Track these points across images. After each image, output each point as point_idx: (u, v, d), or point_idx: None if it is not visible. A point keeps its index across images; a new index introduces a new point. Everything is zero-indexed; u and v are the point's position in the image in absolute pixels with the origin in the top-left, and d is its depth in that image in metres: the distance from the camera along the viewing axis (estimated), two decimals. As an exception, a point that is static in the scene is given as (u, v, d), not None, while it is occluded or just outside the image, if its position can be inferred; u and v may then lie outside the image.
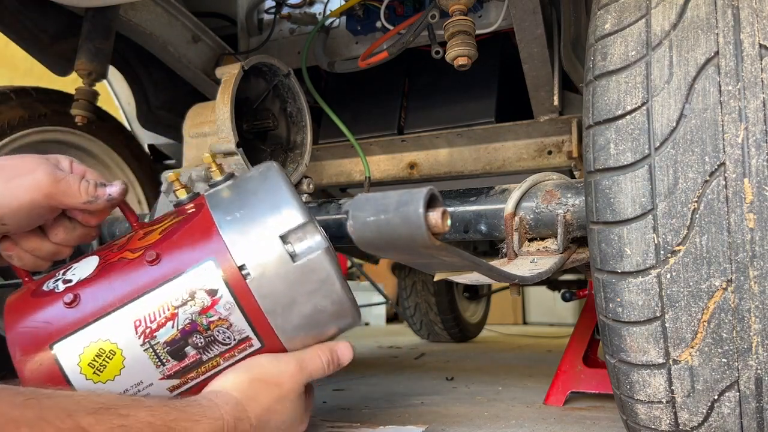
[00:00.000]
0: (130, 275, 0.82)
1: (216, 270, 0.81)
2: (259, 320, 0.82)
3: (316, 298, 0.83)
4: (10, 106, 1.37)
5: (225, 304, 0.80)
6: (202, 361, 0.82)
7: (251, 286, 0.81)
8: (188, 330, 0.80)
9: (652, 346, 0.72)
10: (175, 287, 0.81)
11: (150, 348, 0.80)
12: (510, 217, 0.97)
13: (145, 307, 0.80)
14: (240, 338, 0.82)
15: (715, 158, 0.68)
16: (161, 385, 0.81)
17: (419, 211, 0.59)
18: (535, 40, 1.21)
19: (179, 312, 0.80)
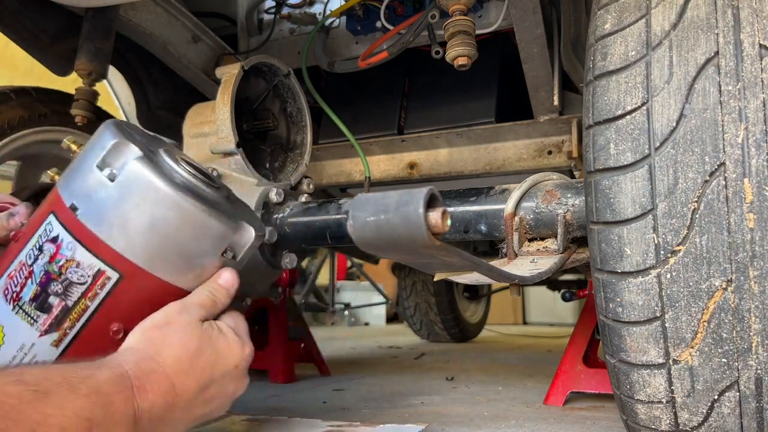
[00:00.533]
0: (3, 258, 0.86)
1: (55, 220, 0.82)
2: (101, 248, 0.79)
3: (149, 210, 0.79)
4: (10, 106, 1.37)
5: (67, 245, 0.80)
6: (68, 307, 0.80)
7: (81, 219, 0.80)
8: (45, 281, 0.81)
9: (652, 346, 0.72)
10: (28, 249, 0.83)
11: (19, 309, 0.81)
12: (510, 217, 0.97)
13: (10, 277, 0.83)
14: (93, 272, 0.80)
15: (715, 158, 0.68)
16: (43, 342, 0.81)
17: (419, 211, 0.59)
18: (535, 40, 1.21)
19: (34, 268, 0.82)
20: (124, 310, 0.81)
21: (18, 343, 0.81)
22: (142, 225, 0.79)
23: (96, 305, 0.80)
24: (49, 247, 0.81)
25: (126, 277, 0.80)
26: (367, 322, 6.28)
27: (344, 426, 1.16)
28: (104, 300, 0.80)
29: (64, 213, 0.81)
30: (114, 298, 0.80)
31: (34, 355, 0.81)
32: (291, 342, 1.93)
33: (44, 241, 0.82)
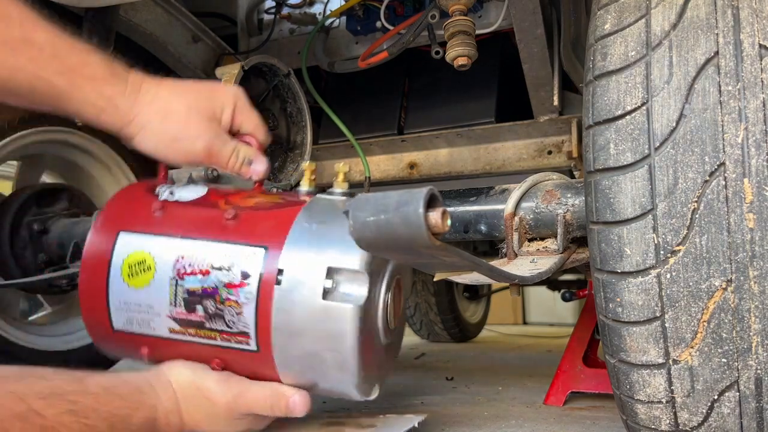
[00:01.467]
0: (205, 219, 0.86)
1: (261, 260, 0.82)
2: (264, 327, 0.81)
3: (322, 346, 0.81)
4: (10, 106, 1.37)
5: (247, 293, 0.81)
6: (203, 326, 0.84)
7: (275, 293, 0.81)
8: (208, 292, 0.82)
9: (652, 346, 0.72)
10: (224, 251, 0.83)
11: (175, 285, 0.84)
12: (510, 217, 0.97)
13: (193, 251, 0.84)
14: (242, 330, 0.82)
15: (715, 158, 0.68)
16: (165, 322, 0.85)
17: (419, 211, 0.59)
18: (535, 40, 1.21)
19: (212, 273, 0.83)
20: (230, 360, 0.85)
21: (151, 302, 0.85)
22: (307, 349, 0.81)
23: (219, 344, 0.84)
24: (236, 275, 0.82)
25: (259, 354, 0.83)
26: (367, 322, 6.27)
27: (344, 417, 1.16)
28: (228, 349, 0.84)
29: (271, 267, 0.81)
30: (236, 354, 0.84)
31: (151, 320, 0.86)
32: (291, 342, 1.93)
33: (237, 264, 0.82)
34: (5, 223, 1.38)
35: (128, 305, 0.87)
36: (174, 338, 0.86)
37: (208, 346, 0.85)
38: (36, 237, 1.42)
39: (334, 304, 0.79)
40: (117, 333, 0.90)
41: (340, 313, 0.79)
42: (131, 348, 0.90)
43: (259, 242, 0.83)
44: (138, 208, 0.90)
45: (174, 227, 0.87)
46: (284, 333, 0.81)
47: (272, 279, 0.81)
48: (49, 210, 1.45)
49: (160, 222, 0.88)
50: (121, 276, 0.86)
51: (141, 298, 0.86)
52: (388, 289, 0.87)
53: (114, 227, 0.89)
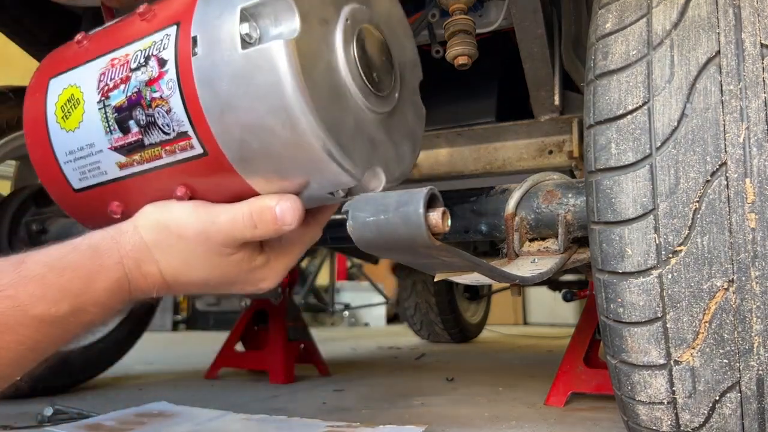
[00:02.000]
0: (122, 28, 0.76)
1: (173, 38, 0.68)
2: (197, 114, 0.67)
3: (261, 110, 0.64)
4: (9, 106, 1.37)
5: (168, 81, 0.68)
6: (143, 144, 0.72)
7: (194, 65, 0.66)
8: (133, 99, 0.71)
9: (654, 347, 0.72)
10: (138, 47, 0.71)
11: (103, 108, 0.73)
12: (510, 217, 0.97)
13: (111, 62, 0.73)
14: (179, 131, 0.69)
15: (717, 158, 0.68)
16: (111, 157, 0.74)
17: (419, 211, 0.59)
18: (535, 39, 1.21)
19: (132, 77, 0.71)
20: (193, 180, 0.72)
21: (90, 139, 0.75)
22: (248, 124, 0.65)
23: (170, 161, 0.71)
24: (153, 67, 0.69)
25: (208, 157, 0.69)
26: (367, 322, 6.28)
27: (344, 427, 1.16)
28: (180, 162, 0.71)
29: (184, 41, 0.67)
30: (188, 165, 0.70)
31: (98, 161, 0.75)
32: (291, 342, 1.93)
33: (153, 54, 0.69)
34: (4, 223, 1.38)
35: (73, 154, 0.76)
36: (127, 174, 0.74)
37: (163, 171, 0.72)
38: (35, 237, 1.41)
39: (254, 48, 0.63)
40: (79, 193, 0.79)
41: (266, 56, 0.62)
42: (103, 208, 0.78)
43: (171, 21, 0.69)
44: (65, 50, 0.80)
45: (95, 50, 0.76)
46: (218, 113, 0.65)
47: (187, 53, 0.66)
48: (48, 210, 1.45)
49: (84, 52, 0.77)
50: (57, 124, 0.76)
51: (80, 138, 0.75)
52: (349, 33, 0.72)
53: (44, 78, 0.79)
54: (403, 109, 0.84)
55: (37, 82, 0.80)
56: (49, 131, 0.77)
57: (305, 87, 0.62)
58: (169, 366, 2.38)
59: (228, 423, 1.21)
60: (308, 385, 1.81)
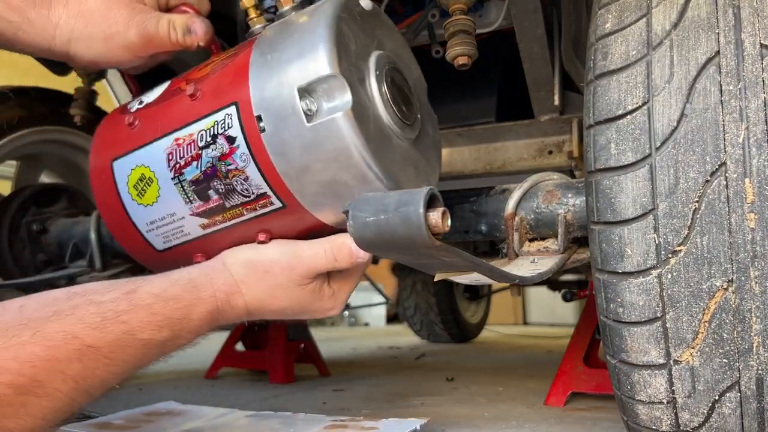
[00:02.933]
0: (173, 107, 0.82)
1: (236, 117, 0.76)
2: (274, 179, 0.75)
3: (334, 171, 0.74)
4: (9, 106, 1.37)
5: (241, 155, 0.76)
6: (225, 207, 0.80)
7: (265, 140, 0.74)
8: (209, 173, 0.78)
9: (653, 347, 0.72)
10: (201, 127, 0.78)
11: (179, 183, 0.80)
12: (510, 217, 0.97)
13: (176, 142, 0.80)
14: (258, 193, 0.77)
15: (716, 158, 0.68)
16: (193, 221, 0.82)
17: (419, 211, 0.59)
18: (535, 39, 1.21)
19: (203, 154, 0.78)
20: (271, 226, 0.81)
21: (170, 209, 0.82)
22: (323, 179, 0.74)
23: (251, 216, 0.80)
24: (223, 144, 0.76)
25: (287, 208, 0.78)
26: (367, 322, 6.28)
27: (347, 420, 1.17)
28: (260, 216, 0.80)
29: (248, 119, 0.74)
30: (269, 218, 0.79)
31: (181, 226, 0.83)
32: (291, 342, 1.93)
33: (219, 133, 0.76)
34: (4, 224, 1.38)
35: (155, 224, 0.85)
36: (210, 232, 0.83)
37: (244, 224, 0.81)
38: (35, 237, 1.41)
39: (321, 121, 0.72)
40: (164, 253, 0.88)
41: (332, 128, 0.71)
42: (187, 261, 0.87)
43: (228, 102, 0.76)
44: (118, 131, 0.86)
45: (153, 131, 0.82)
46: (295, 175, 0.75)
47: (255, 130, 0.74)
48: (48, 210, 1.45)
49: (140, 133, 0.83)
50: (134, 201, 0.84)
51: (160, 210, 0.83)
52: (381, 80, 0.80)
53: (106, 160, 0.86)
54: (424, 125, 0.93)
55: (99, 166, 0.87)
56: (126, 208, 0.85)
57: (366, 145, 0.73)
58: (169, 366, 2.38)
59: (234, 419, 1.22)
60: (308, 385, 1.81)
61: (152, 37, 0.84)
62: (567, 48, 1.31)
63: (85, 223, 1.40)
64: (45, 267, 1.43)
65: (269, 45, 0.77)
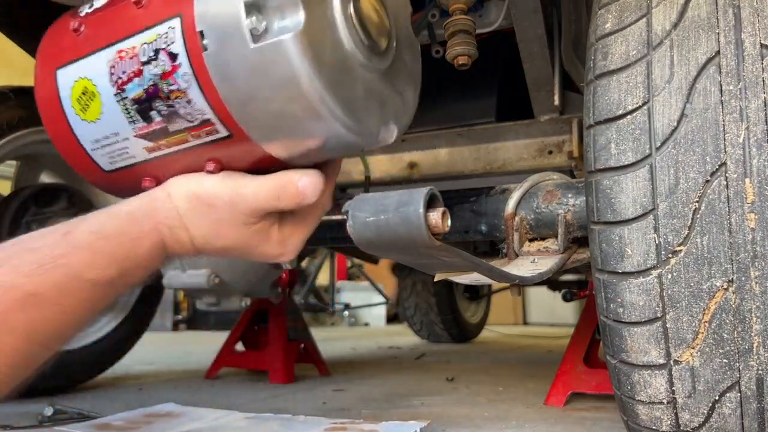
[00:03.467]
0: (120, 15, 0.75)
1: (179, 31, 0.69)
2: (218, 104, 0.69)
3: (282, 99, 0.67)
4: (9, 106, 1.37)
5: (183, 75, 0.70)
6: (168, 131, 0.74)
7: (207, 61, 0.68)
8: (151, 93, 0.72)
9: (653, 347, 0.72)
10: (144, 39, 0.72)
11: (122, 101, 0.74)
12: (510, 217, 0.97)
13: (119, 54, 0.74)
14: (202, 119, 0.72)
15: (716, 158, 0.68)
16: (137, 143, 0.77)
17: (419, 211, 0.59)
18: (535, 39, 1.21)
19: (144, 70, 0.72)
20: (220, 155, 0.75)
21: (114, 128, 0.77)
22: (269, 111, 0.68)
23: (197, 144, 0.74)
24: (165, 61, 0.70)
25: (233, 138, 0.72)
26: (367, 322, 6.28)
27: (346, 423, 1.16)
28: (207, 144, 0.74)
29: (191, 35, 0.68)
30: (217, 146, 0.74)
31: (125, 147, 0.78)
32: (291, 342, 1.93)
33: (161, 48, 0.71)
34: (4, 223, 1.38)
35: (99, 142, 0.79)
36: (155, 156, 0.77)
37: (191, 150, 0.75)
38: (35, 237, 1.41)
39: (268, 42, 0.65)
40: (112, 174, 0.82)
41: (279, 51, 0.64)
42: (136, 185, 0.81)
43: (172, 13, 0.70)
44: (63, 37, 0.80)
45: (97, 40, 0.76)
46: (239, 103, 0.69)
47: (197, 47, 0.67)
48: (48, 210, 1.45)
49: (85, 40, 0.77)
50: (77, 116, 0.78)
51: (103, 128, 0.77)
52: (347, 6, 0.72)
53: (50, 69, 0.79)
54: (401, 54, 0.83)
55: (43, 73, 0.80)
56: (70, 123, 0.79)
57: (320, 74, 0.65)
58: (169, 366, 2.38)
59: (233, 421, 1.22)
60: (308, 385, 1.81)
61: None
62: (567, 48, 1.31)
63: (85, 223, 1.40)
64: (45, 267, 1.43)
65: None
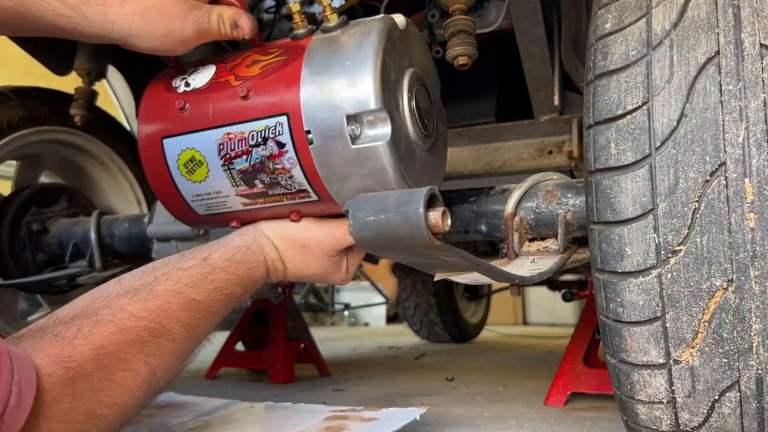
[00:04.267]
0: (225, 102, 0.92)
1: (287, 127, 0.88)
2: (317, 182, 0.89)
3: (369, 183, 0.87)
4: (10, 106, 1.37)
5: (289, 159, 0.89)
6: (267, 194, 0.93)
7: (312, 152, 0.87)
8: (257, 167, 0.91)
9: (653, 346, 0.72)
10: (253, 128, 0.90)
11: (228, 170, 0.93)
12: (510, 217, 0.97)
13: (228, 135, 0.91)
14: (299, 189, 0.91)
15: (716, 158, 0.68)
16: (236, 199, 0.95)
17: (419, 210, 0.59)
18: (535, 39, 1.21)
19: (253, 151, 0.90)
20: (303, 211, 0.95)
21: (217, 188, 0.95)
22: (357, 187, 0.88)
23: (289, 204, 0.94)
24: (273, 147, 0.89)
25: (322, 201, 0.92)
26: (367, 322, 6.28)
27: (347, 411, 1.17)
28: (297, 204, 0.94)
29: (298, 131, 0.87)
30: (304, 205, 0.94)
31: (225, 201, 0.96)
32: (291, 342, 1.93)
33: (270, 137, 0.89)
34: (4, 223, 1.38)
35: (200, 197, 0.96)
36: (250, 209, 0.96)
37: (281, 207, 0.95)
38: (35, 237, 1.42)
39: (365, 146, 0.84)
40: (203, 218, 1.00)
41: (372, 152, 0.85)
42: (221, 224, 1.02)
43: (279, 111, 0.89)
44: (167, 111, 0.96)
45: (204, 120, 0.93)
46: (334, 181, 0.89)
47: (304, 141, 0.87)
48: (49, 210, 1.45)
49: (190, 118, 0.94)
50: (183, 176, 0.95)
51: (207, 187, 0.95)
52: (411, 100, 0.91)
53: (156, 136, 0.96)
54: (437, 125, 1.01)
55: (149, 140, 0.97)
56: (175, 180, 0.96)
57: (400, 166, 0.85)
58: (169, 366, 2.37)
59: (235, 411, 1.22)
60: (308, 385, 1.81)
61: (206, 31, 0.93)
62: (567, 48, 1.31)
63: (85, 223, 1.40)
64: (45, 267, 1.43)
65: (320, 66, 0.88)
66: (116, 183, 1.63)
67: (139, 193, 1.66)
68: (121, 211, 1.63)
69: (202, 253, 0.89)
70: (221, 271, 0.87)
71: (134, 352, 0.75)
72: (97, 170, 1.61)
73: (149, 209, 1.56)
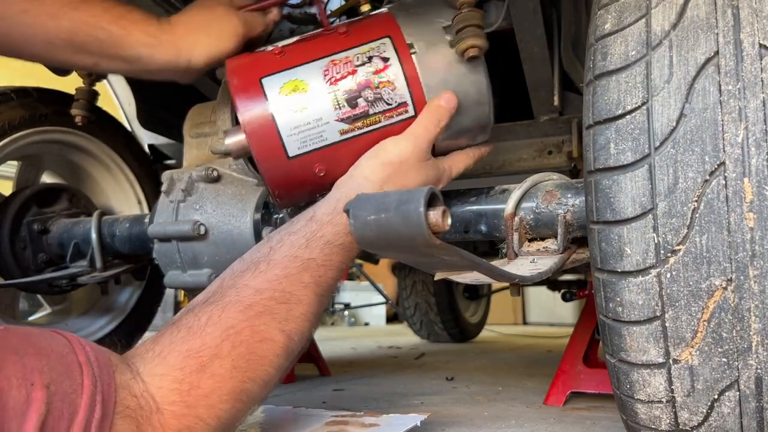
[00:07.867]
0: (326, 41, 1.01)
1: (390, 44, 0.99)
2: (416, 89, 0.98)
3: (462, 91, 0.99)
4: (11, 106, 1.37)
5: (393, 71, 0.97)
6: (368, 114, 0.98)
7: (415, 60, 0.98)
8: (363, 84, 0.98)
9: (652, 346, 0.72)
10: (358, 51, 0.99)
11: (333, 92, 0.98)
12: (510, 217, 0.97)
13: (333, 62, 0.99)
14: (400, 101, 0.98)
15: (715, 158, 0.68)
16: (335, 127, 0.99)
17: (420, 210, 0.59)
18: (535, 40, 1.21)
19: (359, 70, 0.98)
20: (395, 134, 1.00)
21: (318, 115, 0.99)
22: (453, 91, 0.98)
23: (385, 124, 0.99)
24: (378, 62, 0.98)
25: (412, 118, 0.99)
26: (367, 322, 6.28)
27: (348, 416, 1.17)
28: (392, 124, 0.99)
29: (402, 46, 0.99)
30: (399, 125, 0.99)
31: (322, 131, 0.99)
32: (291, 342, 1.93)
33: (375, 55, 0.98)
34: (5, 223, 1.38)
35: (299, 128, 0.99)
36: (345, 138, 0.99)
37: (371, 134, 0.99)
38: (36, 237, 1.42)
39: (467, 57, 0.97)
40: (292, 161, 1.00)
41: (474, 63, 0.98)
42: (305, 173, 1.01)
43: (381, 35, 0.99)
44: (264, 58, 1.03)
45: (305, 56, 1.00)
46: (434, 86, 0.98)
47: (407, 52, 0.97)
48: (49, 210, 1.45)
49: (290, 58, 1.00)
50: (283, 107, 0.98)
51: (307, 116, 0.98)
52: None
53: (253, 78, 1.00)
54: None
55: (246, 81, 1.00)
56: (274, 114, 0.98)
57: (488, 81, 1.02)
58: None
59: None
60: (308, 384, 1.81)
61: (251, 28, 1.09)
62: (567, 48, 1.31)
63: (86, 223, 1.41)
64: (46, 267, 1.43)
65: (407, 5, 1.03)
66: (117, 183, 1.63)
67: (140, 194, 1.66)
68: (122, 212, 1.63)
69: (308, 213, 0.93)
70: (328, 224, 0.90)
71: (267, 322, 0.79)
72: (98, 170, 1.61)
73: (150, 209, 1.56)
